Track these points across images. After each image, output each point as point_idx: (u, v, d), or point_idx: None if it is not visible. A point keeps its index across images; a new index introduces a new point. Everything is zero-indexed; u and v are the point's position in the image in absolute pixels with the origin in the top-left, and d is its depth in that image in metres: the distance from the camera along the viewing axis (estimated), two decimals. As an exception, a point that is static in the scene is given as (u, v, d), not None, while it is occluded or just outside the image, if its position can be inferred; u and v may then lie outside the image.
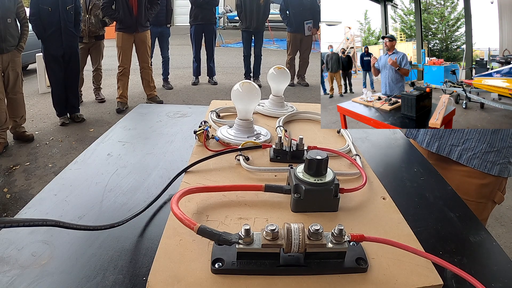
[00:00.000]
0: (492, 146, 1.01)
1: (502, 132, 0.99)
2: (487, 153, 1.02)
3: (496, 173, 1.02)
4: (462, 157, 1.05)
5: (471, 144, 1.03)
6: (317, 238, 0.40)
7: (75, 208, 0.59)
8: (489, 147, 1.01)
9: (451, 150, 1.07)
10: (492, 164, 1.02)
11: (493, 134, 1.00)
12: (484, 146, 1.01)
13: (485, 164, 1.02)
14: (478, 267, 0.51)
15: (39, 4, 3.41)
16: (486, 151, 1.01)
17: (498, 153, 1.01)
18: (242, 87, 0.72)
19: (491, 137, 1.00)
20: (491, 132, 1.00)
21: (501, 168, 1.02)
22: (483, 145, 1.01)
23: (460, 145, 1.05)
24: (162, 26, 4.97)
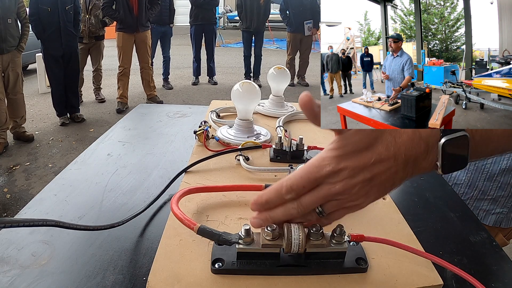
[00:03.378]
0: (485, 193, 0.88)
1: (501, 180, 0.86)
2: (480, 200, 0.89)
3: (491, 223, 0.89)
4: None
5: (460, 190, 0.91)
6: (317, 238, 0.40)
7: (75, 208, 0.59)
8: (481, 194, 0.89)
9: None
10: (486, 213, 0.90)
11: (486, 181, 0.87)
12: (475, 192, 0.89)
13: (477, 212, 0.90)
14: (478, 267, 0.51)
15: (39, 4, 3.41)
16: (478, 198, 0.89)
17: (494, 202, 0.88)
18: (242, 87, 0.72)
19: (483, 183, 0.88)
20: (483, 178, 0.87)
21: (499, 218, 0.89)
22: (474, 192, 0.89)
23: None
24: (166, 25, 4.98)
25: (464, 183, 0.90)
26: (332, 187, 0.36)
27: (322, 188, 0.37)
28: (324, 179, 0.36)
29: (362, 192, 0.36)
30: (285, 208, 0.38)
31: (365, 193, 0.36)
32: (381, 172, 0.35)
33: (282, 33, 7.85)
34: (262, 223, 0.39)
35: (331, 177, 0.36)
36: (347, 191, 0.36)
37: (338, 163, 0.35)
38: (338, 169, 0.35)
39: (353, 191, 0.36)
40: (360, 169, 0.35)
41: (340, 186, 0.36)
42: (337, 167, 0.35)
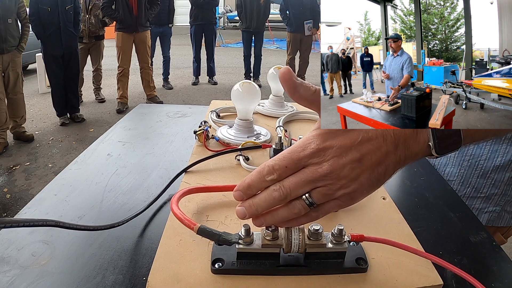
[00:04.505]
0: (478, 191, 0.87)
1: (494, 177, 0.85)
2: (473, 198, 0.88)
3: (484, 222, 0.87)
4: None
5: (452, 187, 0.85)
6: (317, 238, 0.40)
7: (75, 208, 0.59)
8: (474, 191, 0.87)
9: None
10: (479, 212, 0.88)
11: (479, 178, 0.86)
12: (468, 190, 0.88)
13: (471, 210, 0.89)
14: (478, 267, 0.51)
15: (39, 4, 3.41)
16: (471, 196, 0.88)
17: (487, 200, 0.87)
18: (242, 87, 0.72)
19: (477, 180, 0.86)
20: (477, 175, 0.86)
21: (492, 217, 0.88)
22: (467, 189, 0.88)
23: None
24: (164, 25, 4.97)
25: (457, 179, 0.89)
26: (318, 168, 0.33)
27: (308, 169, 0.34)
28: (308, 159, 0.34)
29: (353, 175, 0.33)
30: (267, 191, 0.35)
31: (355, 177, 0.34)
32: (371, 151, 0.33)
33: (282, 33, 7.85)
34: (246, 212, 0.36)
35: (316, 156, 0.34)
36: (335, 172, 0.33)
37: (323, 141, 0.34)
38: (323, 147, 0.33)
39: (342, 174, 0.33)
40: (347, 147, 0.33)
41: (327, 166, 0.33)
42: (322, 145, 0.34)
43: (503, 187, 0.85)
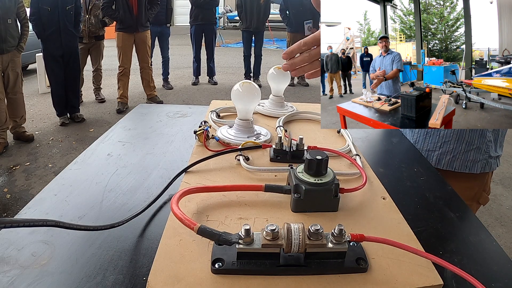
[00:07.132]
0: (471, 144, 0.98)
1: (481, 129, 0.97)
2: (467, 152, 0.99)
3: (478, 171, 1.00)
4: (441, 162, 1.01)
5: (449, 147, 1.00)
6: (317, 238, 0.40)
7: (75, 208, 0.59)
8: (468, 145, 0.99)
9: (427, 156, 1.02)
10: (473, 163, 1.00)
11: (471, 132, 0.98)
12: (463, 146, 0.99)
13: (466, 164, 1.00)
14: (478, 267, 0.51)
15: (39, 4, 3.41)
16: (465, 150, 0.99)
17: (478, 150, 0.99)
18: (242, 87, 0.72)
19: (469, 135, 0.98)
20: (469, 131, 0.98)
21: (483, 164, 1.00)
22: (462, 145, 0.99)
23: (437, 150, 1.01)
24: (162, 25, 4.96)
25: (452, 139, 1.00)
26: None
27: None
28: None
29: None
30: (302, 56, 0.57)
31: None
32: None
33: (282, 33, 7.86)
34: (289, 67, 0.59)
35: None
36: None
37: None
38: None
39: None
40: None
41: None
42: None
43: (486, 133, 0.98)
